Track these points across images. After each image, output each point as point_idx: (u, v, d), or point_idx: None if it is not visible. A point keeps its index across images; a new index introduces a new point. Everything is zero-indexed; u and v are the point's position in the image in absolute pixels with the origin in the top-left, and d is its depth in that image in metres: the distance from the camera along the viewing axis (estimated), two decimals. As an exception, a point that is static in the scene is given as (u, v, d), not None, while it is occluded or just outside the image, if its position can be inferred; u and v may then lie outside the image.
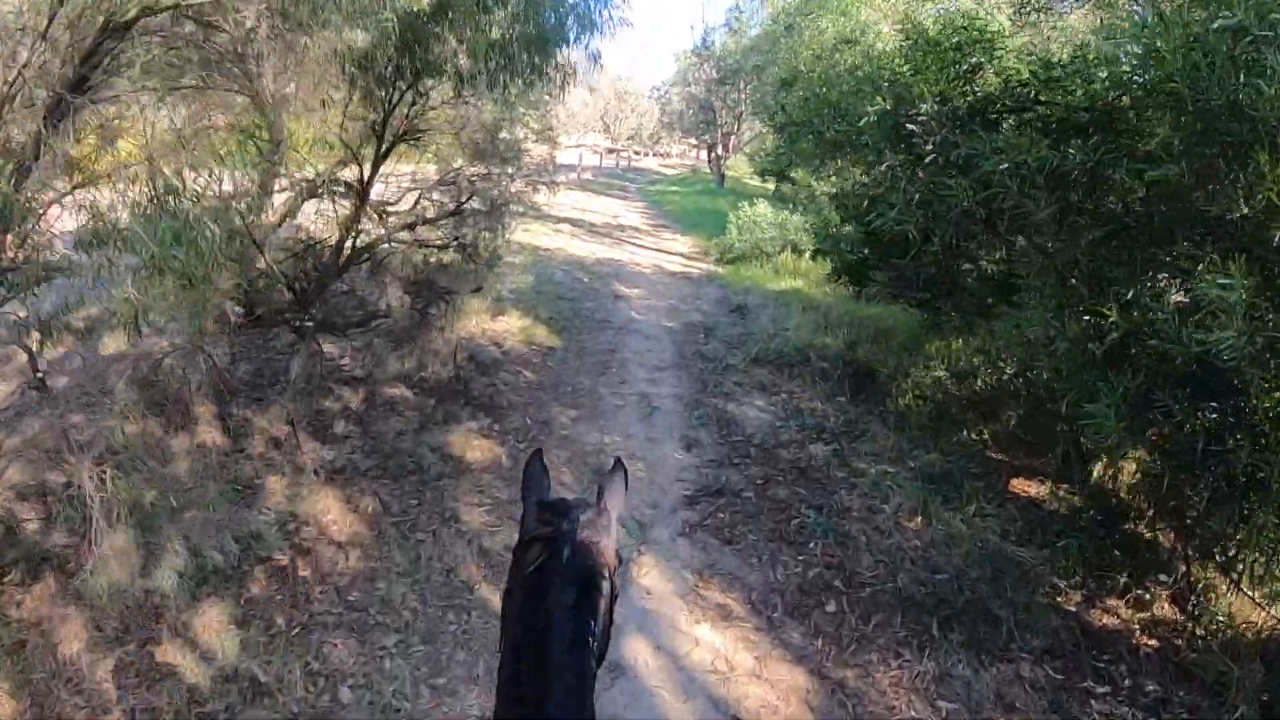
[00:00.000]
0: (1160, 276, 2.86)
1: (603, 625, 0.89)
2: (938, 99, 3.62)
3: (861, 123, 4.12)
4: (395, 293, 4.88)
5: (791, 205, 11.64)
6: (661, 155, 52.88)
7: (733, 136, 23.18)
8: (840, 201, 6.54)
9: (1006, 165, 3.05)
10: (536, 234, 11.77)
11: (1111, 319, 2.78)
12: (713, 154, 25.45)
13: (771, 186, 22.97)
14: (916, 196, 3.69)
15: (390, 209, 5.18)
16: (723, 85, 21.19)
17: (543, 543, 0.93)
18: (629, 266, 10.35)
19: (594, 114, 55.57)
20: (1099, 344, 2.85)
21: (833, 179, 6.68)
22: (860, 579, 3.56)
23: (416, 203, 5.24)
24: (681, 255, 11.96)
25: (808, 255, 10.28)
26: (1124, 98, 2.88)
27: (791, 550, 3.76)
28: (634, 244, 12.81)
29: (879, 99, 3.95)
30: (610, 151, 41.98)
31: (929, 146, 3.39)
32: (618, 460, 1.15)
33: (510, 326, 6.74)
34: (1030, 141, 3.06)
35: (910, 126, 3.50)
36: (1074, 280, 3.05)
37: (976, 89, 3.79)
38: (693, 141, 38.91)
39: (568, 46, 4.46)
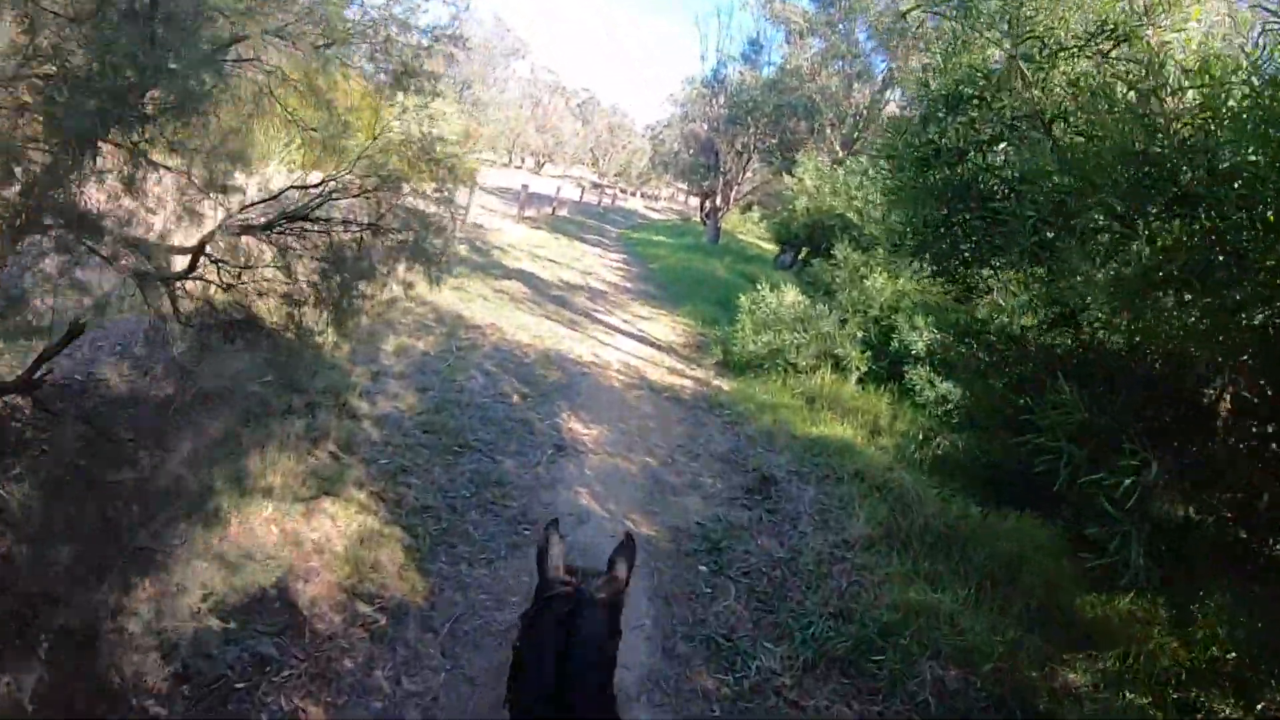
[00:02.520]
0: None
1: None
2: None
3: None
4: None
5: (824, 293, 8.46)
6: (649, 197, 50.23)
7: (734, 186, 20.08)
8: (1011, 347, 3.32)
9: None
10: (471, 295, 8.38)
11: None
12: (707, 203, 22.35)
13: (772, 249, 19.94)
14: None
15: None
16: (734, 125, 18.11)
17: (563, 599, 1.20)
18: (591, 372, 6.89)
19: (583, 144, 52.97)
20: None
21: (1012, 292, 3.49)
22: None
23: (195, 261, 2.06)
24: (670, 351, 8.58)
25: (854, 379, 7.06)
26: None
27: None
28: (605, 323, 9.38)
29: None
30: (595, 186, 39.06)
31: None
32: (628, 535, 1.45)
33: (331, 533, 3.34)
34: None
35: None
36: None
37: None
38: (683, 186, 35.94)
39: None
